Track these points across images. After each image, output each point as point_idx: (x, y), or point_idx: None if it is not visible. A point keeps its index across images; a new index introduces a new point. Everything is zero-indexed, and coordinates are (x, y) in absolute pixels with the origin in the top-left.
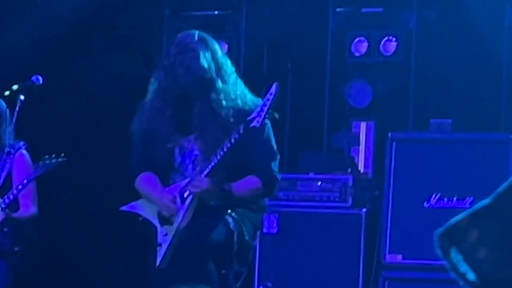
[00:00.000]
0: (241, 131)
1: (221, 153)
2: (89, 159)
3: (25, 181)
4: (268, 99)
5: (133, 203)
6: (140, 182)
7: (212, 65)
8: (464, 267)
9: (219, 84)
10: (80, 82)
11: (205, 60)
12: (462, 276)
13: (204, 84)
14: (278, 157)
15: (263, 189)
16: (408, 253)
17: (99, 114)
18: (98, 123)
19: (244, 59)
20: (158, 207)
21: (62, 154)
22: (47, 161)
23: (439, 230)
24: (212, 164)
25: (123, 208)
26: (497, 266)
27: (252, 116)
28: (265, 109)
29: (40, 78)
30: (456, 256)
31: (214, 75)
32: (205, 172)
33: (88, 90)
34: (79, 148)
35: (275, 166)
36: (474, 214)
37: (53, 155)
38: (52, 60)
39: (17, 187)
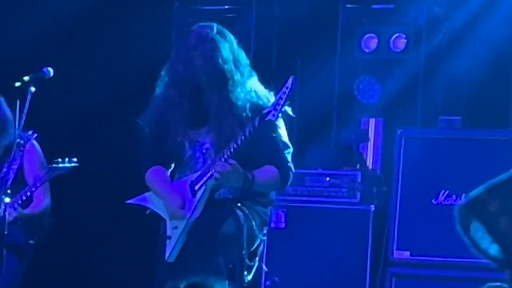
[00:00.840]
0: (256, 124)
1: (235, 145)
2: (100, 152)
3: (38, 184)
4: (284, 93)
5: (142, 195)
6: (150, 176)
7: (231, 57)
8: (484, 244)
9: (238, 76)
10: (90, 75)
11: (225, 51)
12: (484, 252)
13: (223, 75)
14: (291, 149)
15: (280, 179)
16: (416, 250)
17: (109, 107)
18: (109, 116)
19: (253, 54)
20: (166, 204)
21: (75, 159)
22: (60, 165)
23: (460, 203)
24: (225, 157)
25: (131, 201)
26: None
27: (267, 109)
28: (281, 102)
29: (51, 70)
30: (476, 233)
31: (232, 67)
32: (223, 159)
33: (98, 83)
34: (90, 140)
35: (289, 157)
36: (492, 187)
37: (66, 159)
38: (62, 53)
39: (30, 188)
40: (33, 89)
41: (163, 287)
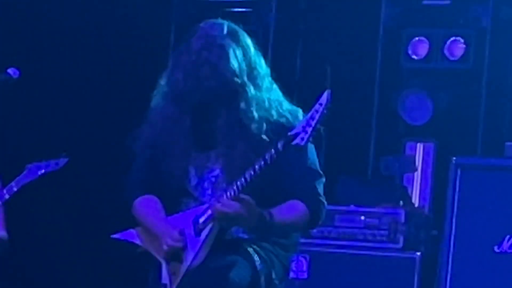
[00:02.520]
0: (281, 148)
1: (252, 173)
2: (72, 164)
3: (14, 187)
4: (317, 111)
5: (131, 230)
6: (139, 207)
7: (244, 66)
8: None
9: (251, 90)
10: (68, 77)
11: (235, 59)
12: None
13: (233, 89)
14: (323, 179)
15: (310, 218)
16: None
17: (89, 114)
18: (88, 123)
19: (272, 59)
20: (159, 240)
21: (63, 153)
22: (44, 163)
23: None
24: (239, 186)
25: (117, 236)
26: None
27: (295, 131)
28: (313, 123)
29: (17, 71)
30: None
31: (245, 78)
32: (228, 196)
33: (78, 86)
34: (60, 150)
35: (320, 189)
36: None
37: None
38: (34, 51)
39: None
40: None
41: None
